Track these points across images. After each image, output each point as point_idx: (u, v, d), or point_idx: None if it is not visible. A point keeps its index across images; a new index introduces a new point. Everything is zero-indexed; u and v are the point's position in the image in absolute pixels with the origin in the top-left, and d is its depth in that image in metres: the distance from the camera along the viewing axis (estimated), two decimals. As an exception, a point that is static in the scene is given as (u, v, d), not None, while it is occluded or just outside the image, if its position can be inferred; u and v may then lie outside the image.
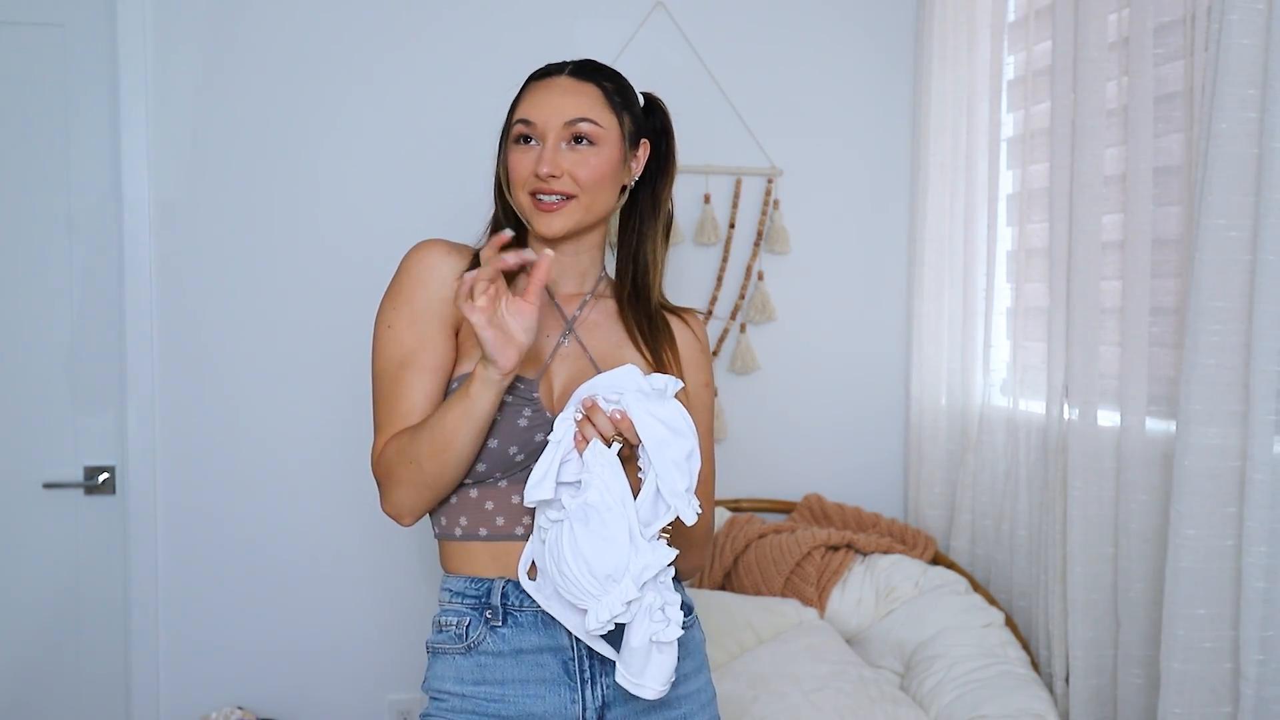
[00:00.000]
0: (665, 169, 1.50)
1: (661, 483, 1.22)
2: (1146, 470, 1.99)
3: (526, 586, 1.31)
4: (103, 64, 2.46)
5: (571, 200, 1.38)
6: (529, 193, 1.38)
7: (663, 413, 1.24)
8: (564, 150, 1.37)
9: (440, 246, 1.43)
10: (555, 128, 1.37)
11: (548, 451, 1.25)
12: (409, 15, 2.55)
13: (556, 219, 1.38)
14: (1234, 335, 1.71)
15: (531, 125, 1.38)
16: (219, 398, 2.51)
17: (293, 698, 2.57)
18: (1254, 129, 1.67)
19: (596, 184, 1.39)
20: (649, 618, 1.22)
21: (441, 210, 2.50)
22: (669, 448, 1.23)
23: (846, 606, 2.47)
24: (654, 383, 1.27)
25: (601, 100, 1.40)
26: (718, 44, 2.67)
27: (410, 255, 1.42)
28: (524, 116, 1.39)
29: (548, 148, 1.36)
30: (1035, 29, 2.39)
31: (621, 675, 1.25)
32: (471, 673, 1.36)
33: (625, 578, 1.20)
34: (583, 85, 1.40)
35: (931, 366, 2.73)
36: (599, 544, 1.20)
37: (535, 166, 1.37)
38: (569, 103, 1.38)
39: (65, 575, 2.52)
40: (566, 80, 1.41)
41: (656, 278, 1.49)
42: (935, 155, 2.68)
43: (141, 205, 2.45)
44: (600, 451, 1.23)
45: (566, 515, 1.22)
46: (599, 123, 1.38)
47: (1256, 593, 1.65)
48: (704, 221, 2.67)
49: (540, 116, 1.38)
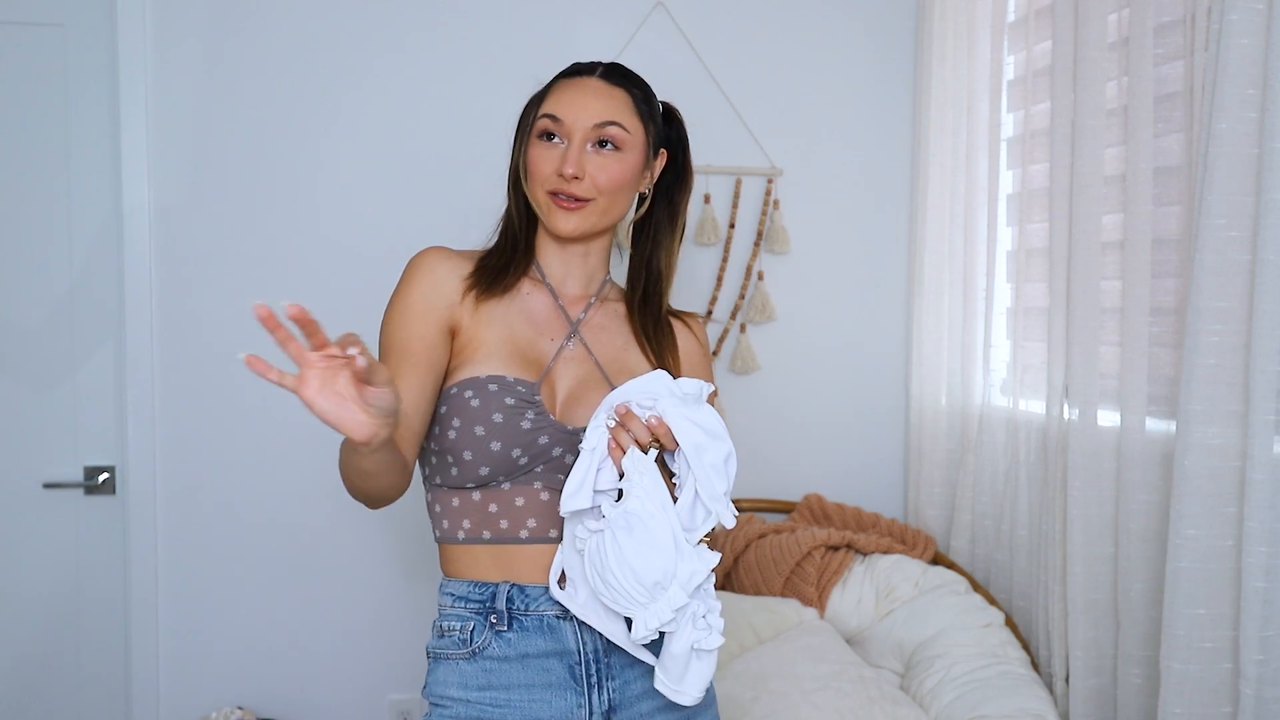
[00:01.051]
0: (683, 180, 1.52)
1: (701, 488, 1.22)
2: (1146, 470, 1.99)
3: (557, 596, 1.31)
4: (103, 64, 2.46)
5: (590, 203, 1.38)
6: (548, 190, 1.38)
7: (699, 417, 1.23)
8: (589, 152, 1.38)
9: (440, 251, 1.43)
10: (583, 128, 1.37)
11: (581, 460, 1.25)
12: (409, 16, 2.55)
13: (574, 219, 1.39)
14: (1234, 335, 1.70)
15: (559, 122, 1.38)
16: (219, 397, 2.52)
17: (293, 698, 2.57)
18: (1254, 129, 1.66)
19: (617, 190, 1.39)
20: (692, 625, 1.23)
21: (442, 211, 2.50)
22: (707, 452, 1.22)
23: (846, 606, 2.47)
24: (685, 387, 1.26)
25: (630, 106, 1.40)
26: (718, 44, 2.67)
27: (411, 261, 1.43)
28: (552, 112, 1.39)
29: (573, 147, 1.37)
30: (1035, 29, 2.39)
31: (660, 682, 1.26)
32: (476, 678, 1.35)
33: (673, 584, 1.20)
34: (613, 89, 1.40)
35: (931, 366, 2.73)
36: (645, 552, 1.19)
37: (559, 165, 1.37)
38: (599, 104, 1.38)
39: (65, 575, 2.52)
40: (597, 82, 1.41)
41: (668, 286, 1.51)
42: (935, 155, 2.68)
43: (141, 205, 2.45)
44: (639, 459, 1.23)
45: (608, 524, 1.22)
46: (626, 127, 1.39)
47: (1256, 593, 1.65)
48: (704, 221, 2.67)
49: (569, 114, 1.38)
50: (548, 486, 1.36)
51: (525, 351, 1.40)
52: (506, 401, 1.33)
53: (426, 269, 1.41)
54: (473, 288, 1.41)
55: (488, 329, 1.39)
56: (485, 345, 1.38)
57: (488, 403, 1.33)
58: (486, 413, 1.32)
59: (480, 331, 1.39)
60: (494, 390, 1.34)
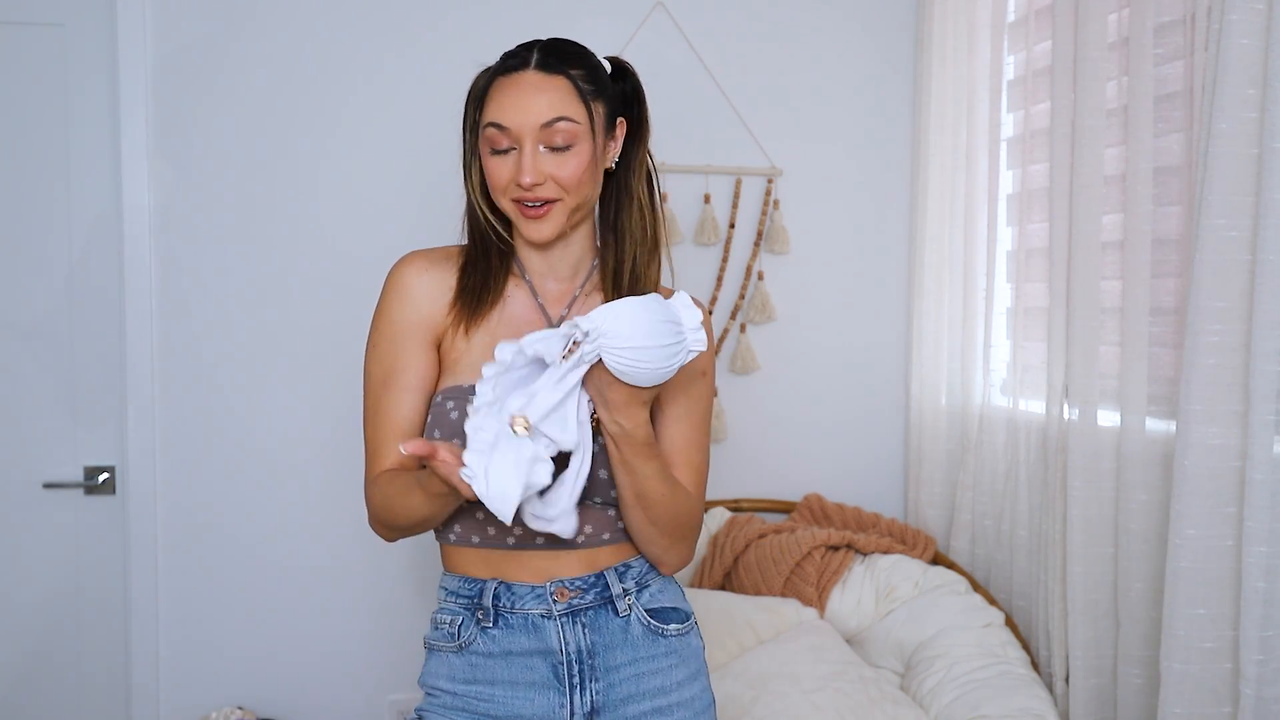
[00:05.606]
0: (638, 133, 1.43)
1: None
2: (1146, 470, 1.99)
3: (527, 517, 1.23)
4: (103, 64, 2.46)
5: (556, 203, 1.35)
6: (513, 199, 1.35)
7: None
8: (542, 154, 1.33)
9: (418, 262, 1.41)
10: (531, 131, 1.32)
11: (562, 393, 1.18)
12: (409, 17, 2.55)
13: (545, 226, 1.35)
14: (1234, 335, 1.71)
15: (506, 130, 1.33)
16: (219, 398, 2.51)
17: (293, 698, 2.57)
18: (1254, 129, 1.66)
19: (579, 183, 1.35)
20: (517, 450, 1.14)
21: (441, 212, 2.49)
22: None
23: (846, 606, 2.47)
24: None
25: (573, 94, 1.34)
26: (718, 44, 2.67)
27: (389, 274, 1.41)
28: (496, 120, 1.34)
29: (526, 155, 1.32)
30: (1035, 29, 2.39)
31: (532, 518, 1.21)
32: (463, 671, 1.37)
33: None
34: (552, 80, 1.34)
35: (931, 366, 2.73)
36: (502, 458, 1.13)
37: (515, 175, 1.33)
38: (541, 102, 1.32)
39: (65, 575, 2.52)
40: (534, 75, 1.34)
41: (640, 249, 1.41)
42: (935, 155, 2.68)
43: (141, 205, 2.45)
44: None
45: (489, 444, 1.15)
46: (574, 118, 1.33)
47: (1256, 593, 1.65)
48: (704, 221, 2.67)
49: (514, 120, 1.32)
50: None
51: None
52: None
53: (406, 288, 1.39)
54: (460, 316, 1.38)
55: (472, 339, 1.39)
56: (467, 354, 1.38)
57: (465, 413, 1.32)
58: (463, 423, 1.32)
59: (465, 343, 1.39)
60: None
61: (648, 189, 1.43)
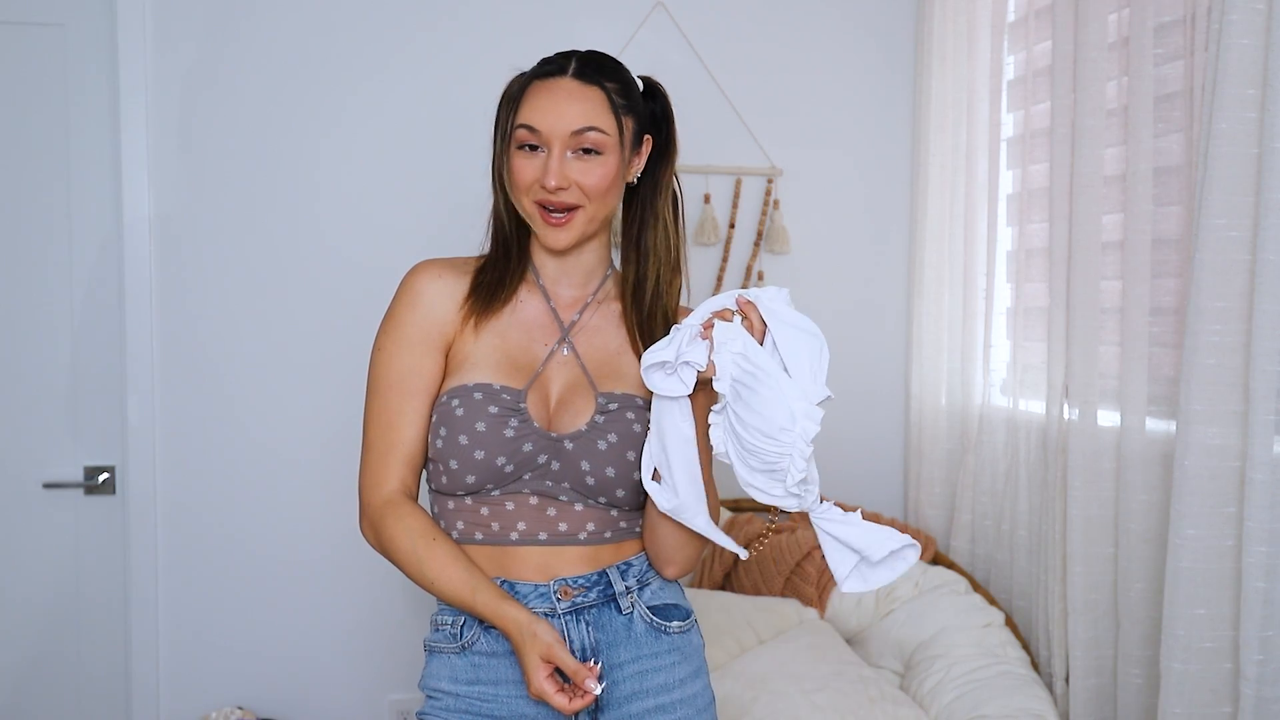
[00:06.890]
0: (666, 154, 1.46)
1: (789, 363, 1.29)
2: (1146, 470, 1.99)
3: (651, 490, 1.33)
4: (103, 64, 2.46)
5: (578, 210, 1.36)
6: (535, 200, 1.37)
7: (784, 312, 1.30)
8: (569, 159, 1.35)
9: (433, 269, 1.42)
10: (561, 136, 1.34)
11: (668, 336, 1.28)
12: (409, 18, 2.55)
13: (564, 233, 1.37)
14: (1234, 335, 1.71)
15: (536, 132, 1.35)
16: (219, 397, 2.52)
17: (293, 698, 2.57)
18: (1254, 129, 1.66)
19: (603, 193, 1.37)
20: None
21: (441, 214, 2.50)
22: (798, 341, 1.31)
23: (846, 606, 2.47)
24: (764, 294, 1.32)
25: (606, 105, 1.36)
26: (718, 44, 2.67)
27: (404, 279, 1.42)
28: (527, 122, 1.35)
29: (554, 158, 1.34)
30: (1035, 29, 2.39)
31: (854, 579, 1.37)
32: (465, 672, 1.37)
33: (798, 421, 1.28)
34: (587, 89, 1.36)
35: (931, 366, 2.72)
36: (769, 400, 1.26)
37: (541, 176, 1.34)
38: (575, 110, 1.34)
39: (65, 575, 2.52)
40: (570, 83, 1.36)
41: (664, 268, 1.43)
42: (935, 155, 2.68)
43: (141, 206, 2.45)
44: (726, 328, 1.26)
45: (725, 402, 1.26)
46: (605, 129, 1.35)
47: (1256, 593, 1.65)
48: (704, 221, 2.67)
49: (545, 123, 1.34)
50: (536, 492, 1.36)
51: (517, 358, 1.39)
52: (490, 410, 1.33)
53: (418, 293, 1.40)
54: (471, 311, 1.40)
55: (482, 340, 1.39)
56: (476, 354, 1.38)
57: (472, 411, 1.33)
58: (470, 421, 1.33)
59: (474, 343, 1.39)
60: (479, 399, 1.34)
61: (673, 210, 1.46)
